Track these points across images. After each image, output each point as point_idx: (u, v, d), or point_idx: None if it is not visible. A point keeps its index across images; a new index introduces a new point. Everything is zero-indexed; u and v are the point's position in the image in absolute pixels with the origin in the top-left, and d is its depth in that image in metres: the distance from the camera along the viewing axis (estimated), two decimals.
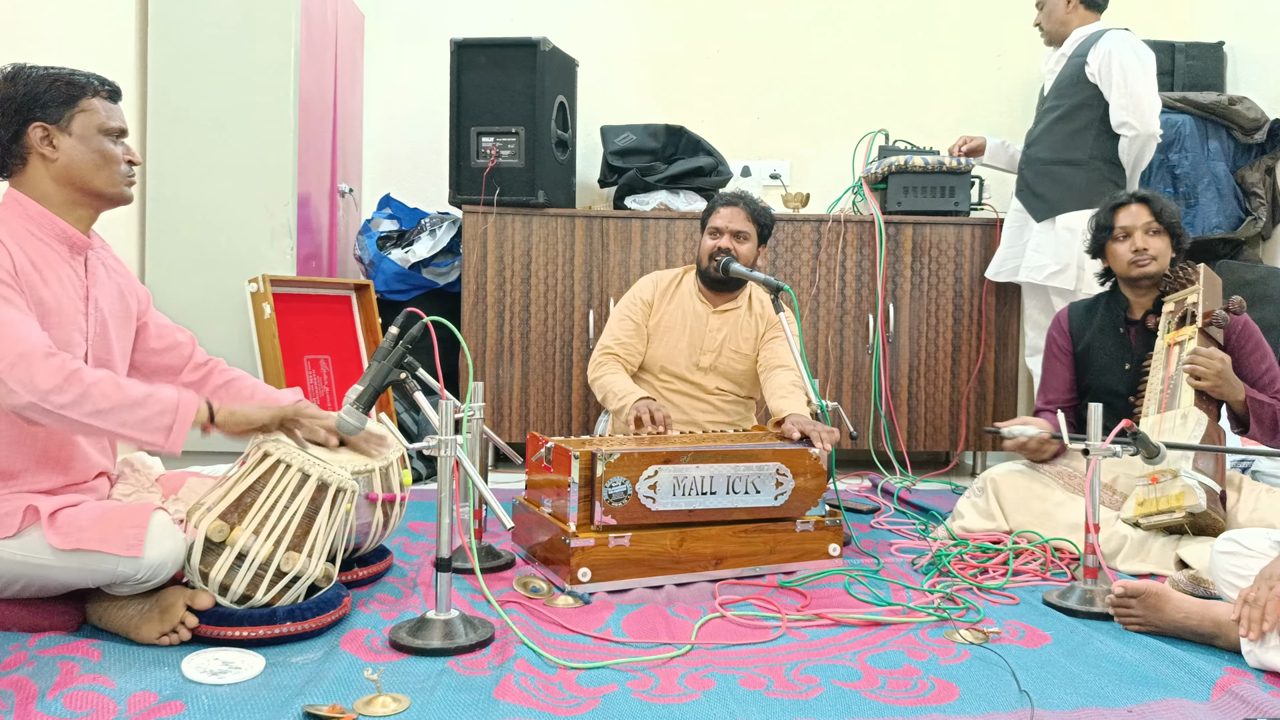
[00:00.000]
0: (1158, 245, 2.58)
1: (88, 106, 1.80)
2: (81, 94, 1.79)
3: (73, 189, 1.81)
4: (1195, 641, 1.83)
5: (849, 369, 3.67)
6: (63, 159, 1.78)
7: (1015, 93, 4.22)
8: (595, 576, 2.10)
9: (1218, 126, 3.74)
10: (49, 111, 1.77)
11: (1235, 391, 2.39)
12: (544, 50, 3.50)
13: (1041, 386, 2.85)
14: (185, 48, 3.35)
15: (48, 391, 1.64)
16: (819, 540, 2.33)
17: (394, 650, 1.75)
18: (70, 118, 1.78)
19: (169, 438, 1.74)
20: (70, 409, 1.66)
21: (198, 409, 1.78)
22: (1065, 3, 3.28)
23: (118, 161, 1.83)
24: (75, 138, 1.79)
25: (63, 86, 1.78)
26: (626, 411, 2.66)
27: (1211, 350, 2.38)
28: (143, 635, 1.72)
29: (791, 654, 1.78)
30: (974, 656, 1.78)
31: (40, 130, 1.77)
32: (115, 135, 1.84)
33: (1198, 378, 2.36)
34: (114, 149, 1.83)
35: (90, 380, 1.67)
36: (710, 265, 2.84)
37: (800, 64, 4.24)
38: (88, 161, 1.80)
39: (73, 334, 1.80)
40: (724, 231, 2.84)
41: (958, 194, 3.66)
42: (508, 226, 3.58)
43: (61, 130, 1.78)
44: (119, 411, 1.70)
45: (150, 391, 1.74)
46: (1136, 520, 2.33)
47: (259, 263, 3.34)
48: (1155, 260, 2.58)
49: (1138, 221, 2.59)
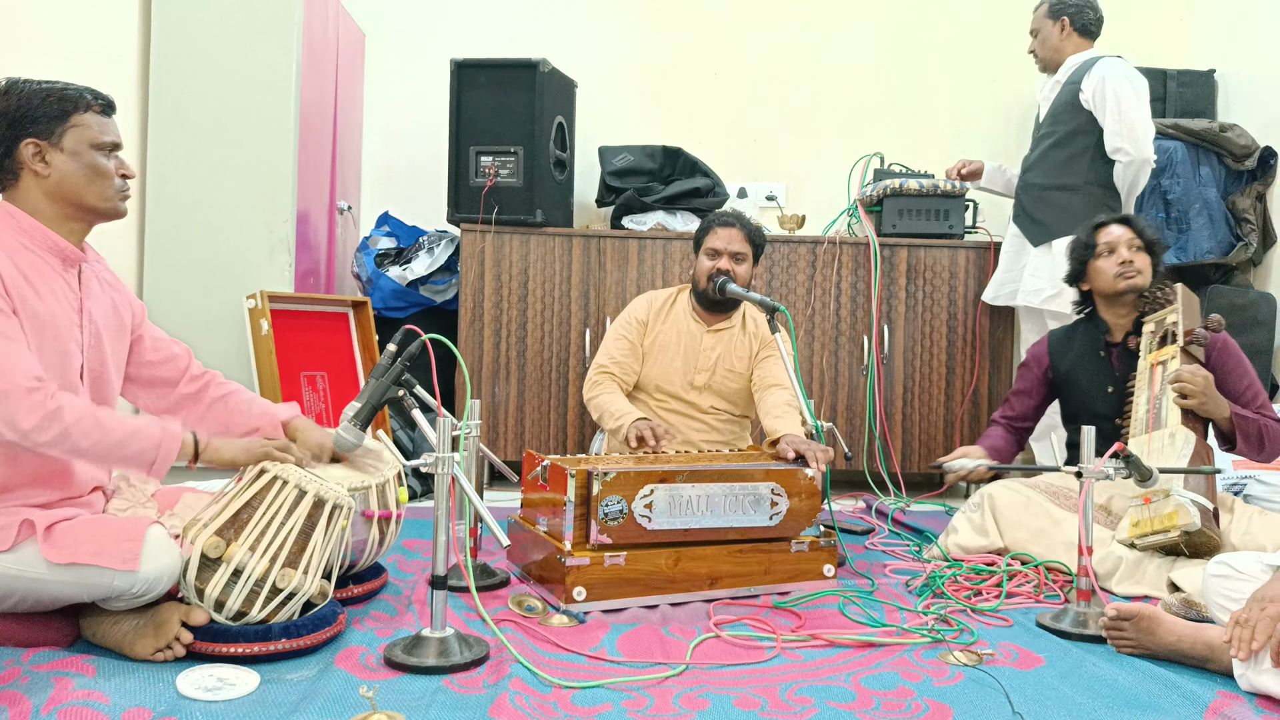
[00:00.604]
0: (1142, 260, 2.63)
1: (80, 122, 1.80)
2: (74, 109, 1.79)
3: (65, 204, 1.80)
4: (1188, 665, 1.83)
5: (844, 390, 3.68)
6: (55, 175, 1.78)
7: (1010, 116, 4.26)
8: (590, 595, 2.10)
9: (1209, 153, 3.78)
10: (41, 127, 1.76)
11: (1220, 408, 2.42)
12: (543, 71, 3.53)
13: (1005, 400, 2.92)
14: (186, 64, 3.37)
15: (28, 431, 1.65)
16: (814, 561, 2.33)
17: (389, 668, 1.75)
18: (62, 133, 1.78)
19: (151, 471, 1.78)
20: (51, 447, 1.68)
21: (182, 445, 1.80)
22: (1059, 30, 3.33)
23: (110, 176, 1.83)
24: (67, 154, 1.78)
25: (55, 102, 1.78)
26: (624, 431, 2.67)
27: (1195, 367, 2.41)
28: (137, 651, 1.71)
29: (786, 674, 1.78)
30: (968, 678, 1.78)
31: (32, 146, 1.76)
32: (108, 150, 1.83)
33: (1184, 395, 2.39)
34: (106, 164, 1.82)
35: (71, 420, 1.68)
36: (708, 286, 2.85)
37: (797, 87, 4.28)
38: (80, 177, 1.79)
39: (68, 346, 1.80)
40: (723, 253, 2.85)
41: (952, 217, 3.69)
42: (505, 245, 3.59)
43: (53, 146, 1.77)
44: (101, 449, 1.72)
45: (134, 430, 1.75)
46: (1132, 541, 2.34)
47: (257, 279, 3.35)
48: (1140, 274, 2.63)
49: (1121, 238, 2.65)
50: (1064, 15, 3.32)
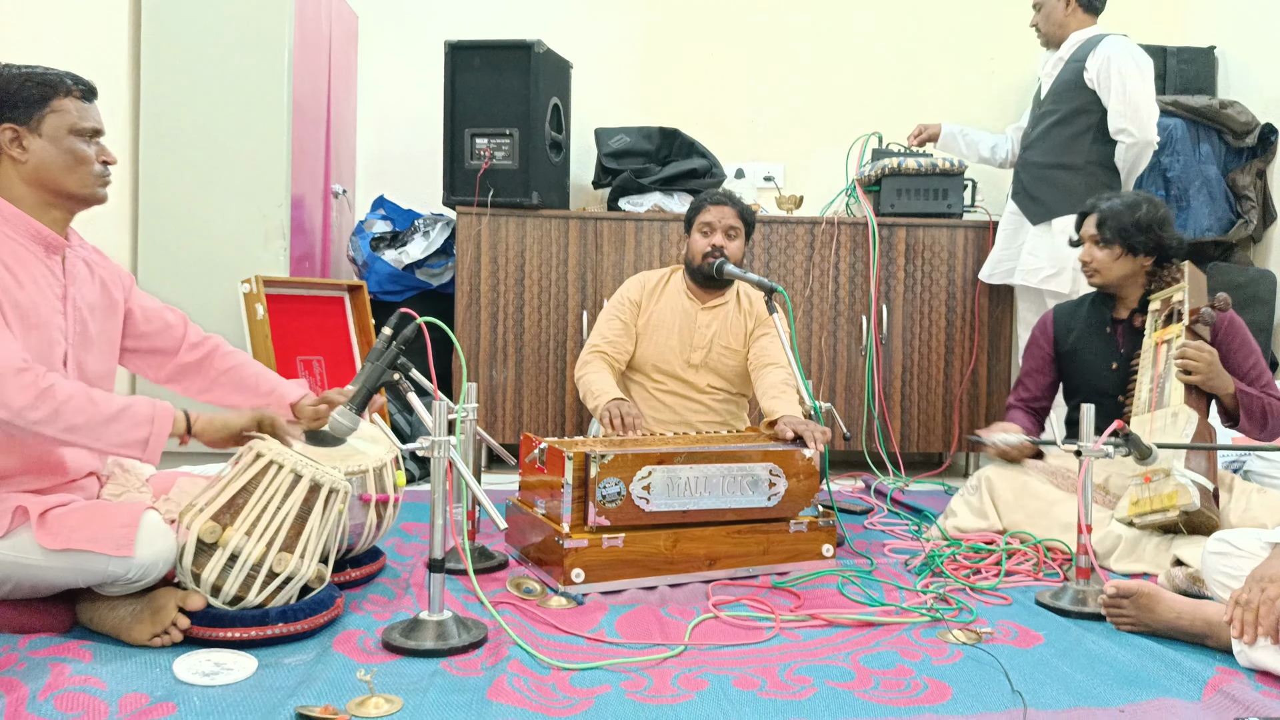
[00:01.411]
0: (1100, 257, 2.62)
1: (59, 107, 1.77)
2: (53, 94, 1.76)
3: (45, 191, 1.78)
4: (1187, 641, 1.83)
5: (842, 370, 3.67)
6: (33, 161, 1.76)
7: (1008, 95, 4.23)
8: (589, 577, 2.10)
9: (1209, 130, 3.75)
10: (19, 112, 1.74)
11: (1225, 384, 2.41)
12: (538, 52, 3.50)
13: (1017, 383, 2.88)
14: (178, 48, 3.34)
15: (20, 409, 1.63)
16: (812, 541, 2.33)
17: (387, 651, 1.74)
18: (41, 119, 1.75)
19: (145, 450, 1.75)
20: (44, 425, 1.66)
21: (174, 421, 1.78)
22: (1064, 5, 3.28)
23: (90, 162, 1.80)
24: (46, 139, 1.76)
25: (33, 87, 1.75)
26: (599, 412, 2.67)
27: (1200, 343, 2.40)
28: (134, 636, 1.71)
29: (785, 654, 1.78)
30: (967, 657, 1.78)
31: (10, 132, 1.74)
32: (89, 135, 1.81)
33: (1189, 371, 2.38)
34: (86, 149, 1.80)
35: (63, 397, 1.66)
36: (703, 263, 2.84)
37: (794, 67, 4.25)
38: (58, 163, 1.77)
39: (51, 334, 1.78)
40: (716, 228, 2.85)
41: (950, 196, 3.67)
42: (501, 228, 3.58)
43: (31, 132, 1.75)
44: (93, 427, 1.69)
45: (125, 406, 1.73)
46: (1131, 519, 2.34)
47: (252, 264, 3.34)
48: (1097, 273, 2.63)
49: (1087, 233, 2.65)
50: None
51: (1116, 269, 2.61)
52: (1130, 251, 2.60)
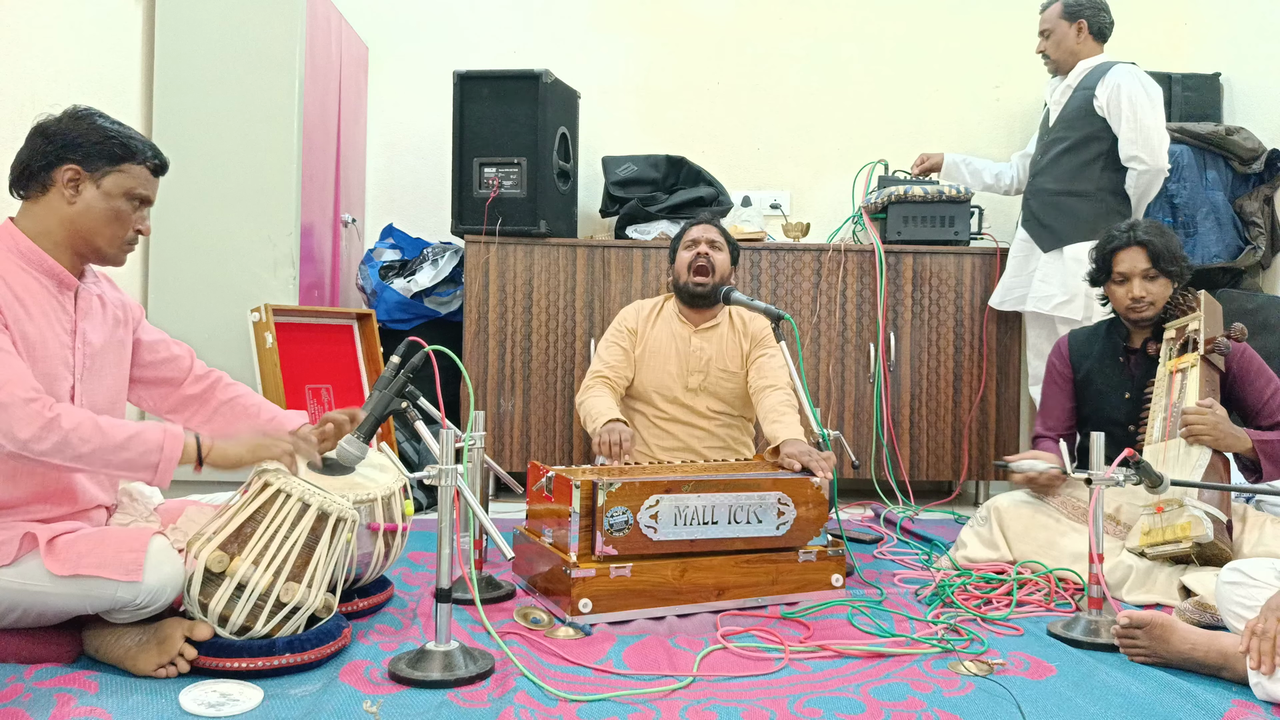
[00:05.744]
0: (1155, 290, 2.58)
1: (129, 170, 1.81)
2: (130, 159, 1.81)
3: (75, 236, 1.81)
4: (1202, 673, 1.81)
5: (850, 398, 3.67)
6: (79, 206, 1.79)
7: (1014, 123, 4.25)
8: (596, 607, 2.09)
9: (1215, 156, 3.76)
10: (90, 161, 1.78)
11: (1237, 442, 2.36)
12: (546, 82, 3.53)
13: (1041, 413, 2.85)
14: (190, 77, 3.38)
15: (27, 441, 1.64)
16: (821, 570, 2.31)
17: (393, 682, 1.73)
18: (106, 173, 1.79)
19: (156, 476, 1.75)
20: (51, 455, 1.66)
21: (185, 448, 1.78)
22: (1075, 32, 3.30)
23: (128, 225, 1.84)
24: (101, 192, 1.79)
25: (116, 145, 1.79)
26: (594, 438, 2.69)
27: (1203, 404, 2.36)
28: (140, 666, 1.70)
29: (794, 686, 1.76)
30: (978, 688, 1.76)
31: (71, 172, 1.77)
32: (138, 202, 1.85)
33: (1196, 435, 2.34)
34: (129, 211, 1.83)
35: (69, 426, 1.67)
36: (689, 278, 2.88)
37: (800, 95, 4.28)
38: (101, 217, 1.80)
39: (57, 368, 1.79)
40: (700, 240, 2.91)
41: (957, 223, 3.67)
42: (509, 256, 3.59)
43: (92, 181, 1.79)
44: (102, 454, 1.70)
45: (134, 432, 1.73)
46: (1142, 550, 2.32)
47: (261, 292, 3.35)
48: (1152, 305, 2.59)
49: (1135, 268, 2.58)
50: (1081, 17, 3.28)
51: (1164, 299, 2.59)
52: (1173, 279, 2.58)
